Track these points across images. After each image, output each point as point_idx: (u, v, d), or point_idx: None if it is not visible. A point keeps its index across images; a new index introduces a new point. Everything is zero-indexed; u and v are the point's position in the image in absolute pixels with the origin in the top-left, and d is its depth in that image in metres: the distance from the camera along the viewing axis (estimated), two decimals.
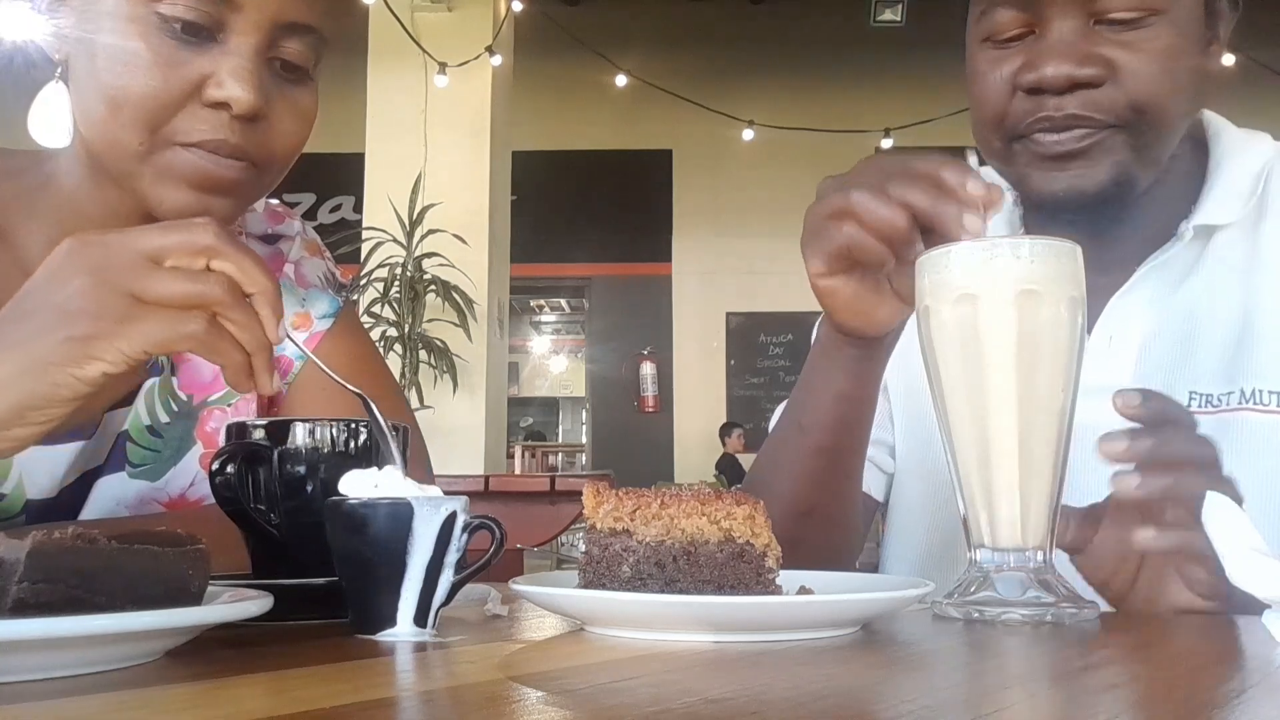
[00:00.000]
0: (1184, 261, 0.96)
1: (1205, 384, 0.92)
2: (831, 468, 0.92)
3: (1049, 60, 0.88)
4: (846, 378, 0.88)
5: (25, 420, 0.65)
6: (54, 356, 0.64)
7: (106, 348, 0.64)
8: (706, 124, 8.01)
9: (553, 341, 13.78)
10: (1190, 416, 0.75)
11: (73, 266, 0.66)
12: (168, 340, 0.66)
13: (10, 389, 0.64)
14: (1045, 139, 0.89)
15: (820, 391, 0.90)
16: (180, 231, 0.67)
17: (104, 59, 0.80)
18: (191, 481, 0.94)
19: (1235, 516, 0.61)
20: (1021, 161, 0.92)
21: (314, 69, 0.87)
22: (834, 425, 0.90)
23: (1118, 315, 0.96)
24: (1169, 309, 0.95)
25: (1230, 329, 0.92)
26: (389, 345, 5.53)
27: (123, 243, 0.66)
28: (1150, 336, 0.95)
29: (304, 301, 1.03)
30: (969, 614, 0.68)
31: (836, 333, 0.86)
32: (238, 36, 0.80)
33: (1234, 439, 0.88)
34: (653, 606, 0.58)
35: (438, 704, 0.44)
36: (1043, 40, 0.89)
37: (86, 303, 0.64)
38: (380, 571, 0.59)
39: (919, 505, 1.06)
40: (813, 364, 0.91)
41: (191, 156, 0.81)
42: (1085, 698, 0.46)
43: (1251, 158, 0.97)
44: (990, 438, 0.71)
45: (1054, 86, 0.88)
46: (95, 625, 0.44)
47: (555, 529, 2.61)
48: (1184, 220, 0.95)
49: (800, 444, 0.92)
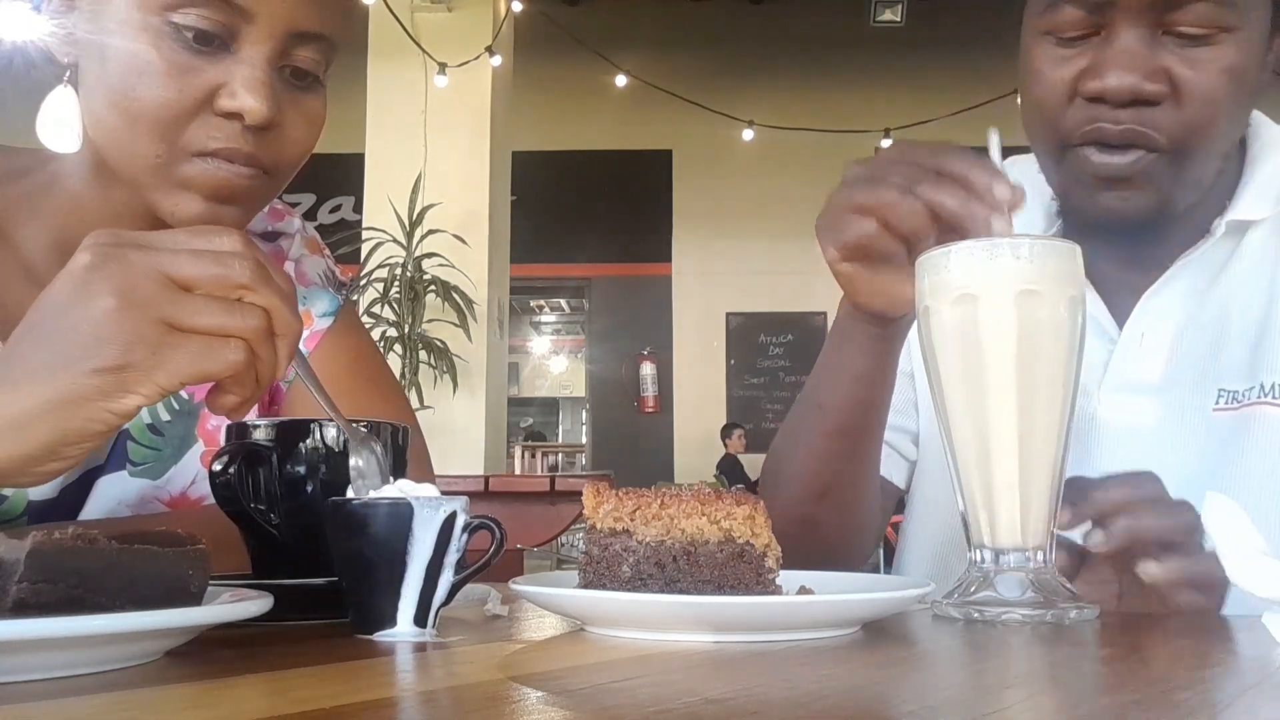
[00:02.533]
0: (1217, 258, 0.94)
1: (1233, 381, 0.91)
2: (849, 449, 0.92)
3: (1114, 69, 0.85)
4: (865, 357, 0.88)
5: (58, 456, 0.60)
6: (86, 391, 0.59)
7: (142, 380, 0.59)
8: (706, 124, 8.00)
9: (553, 341, 13.78)
10: (1157, 486, 0.75)
11: (97, 286, 0.59)
12: (207, 372, 0.61)
13: (41, 426, 0.59)
14: (1098, 158, 0.87)
15: (838, 372, 0.90)
16: (215, 265, 0.61)
17: (116, 67, 0.79)
18: (193, 480, 0.94)
19: (1236, 516, 0.61)
20: (1071, 174, 0.90)
21: (324, 74, 0.87)
22: (852, 406, 0.90)
23: (1150, 312, 0.95)
24: (1201, 306, 0.94)
25: (1255, 324, 0.92)
26: (389, 345, 5.53)
27: (149, 262, 0.60)
28: (1182, 334, 0.94)
29: (304, 300, 1.03)
30: (969, 614, 0.68)
31: (855, 313, 0.86)
32: (250, 46, 0.80)
33: (1253, 433, 0.88)
34: (653, 606, 0.58)
35: (438, 704, 0.44)
36: (1109, 46, 0.86)
37: (117, 330, 0.58)
38: (380, 572, 0.59)
39: (938, 495, 1.05)
40: (831, 344, 0.91)
41: (206, 166, 0.80)
42: (1085, 698, 0.46)
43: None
44: (990, 437, 0.71)
45: (1116, 98, 0.85)
46: (95, 625, 0.44)
47: (555, 529, 2.61)
48: (1218, 216, 0.94)
49: (818, 424, 0.92)
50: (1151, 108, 0.85)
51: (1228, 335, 0.92)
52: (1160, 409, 0.92)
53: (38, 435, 0.59)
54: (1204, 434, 0.90)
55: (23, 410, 0.58)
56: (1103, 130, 0.86)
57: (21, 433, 0.59)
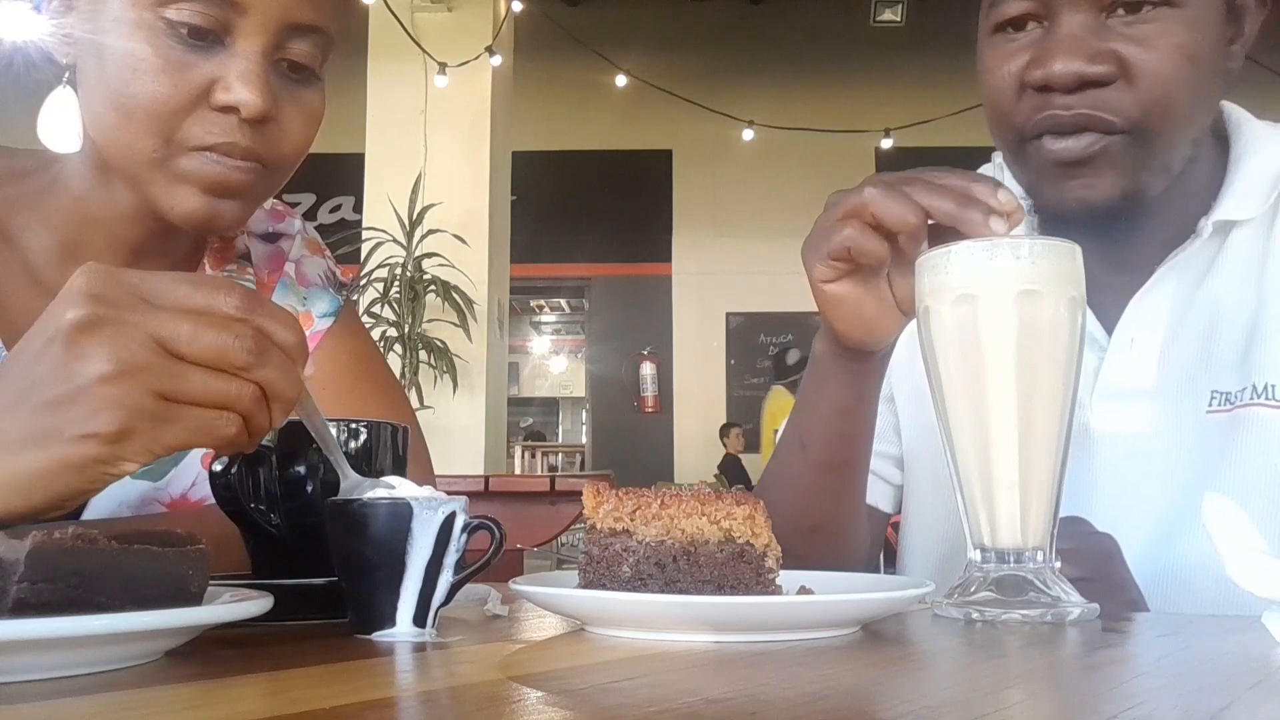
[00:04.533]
0: (1203, 259, 0.93)
1: (1225, 382, 0.90)
2: (835, 483, 0.92)
3: (1057, 56, 0.84)
4: (845, 392, 0.88)
5: (61, 507, 0.60)
6: (83, 460, 0.58)
7: (139, 450, 0.58)
8: (706, 124, 8.00)
9: (553, 341, 13.78)
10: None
11: (92, 351, 0.57)
12: (199, 443, 0.61)
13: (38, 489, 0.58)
14: (1054, 145, 0.87)
15: (820, 408, 0.90)
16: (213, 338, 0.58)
17: (112, 65, 0.80)
18: (193, 482, 0.94)
19: (1236, 516, 0.61)
20: (1033, 166, 0.90)
21: (320, 68, 0.87)
22: (835, 440, 0.90)
23: (1139, 317, 0.94)
24: (1190, 308, 0.93)
25: (1245, 324, 0.91)
26: (389, 345, 5.53)
27: (146, 328, 0.57)
28: (1172, 337, 0.93)
29: (305, 300, 1.03)
30: (969, 614, 0.68)
31: (834, 347, 0.86)
32: (245, 39, 0.80)
33: (1245, 434, 0.87)
34: (653, 606, 0.58)
35: (438, 704, 0.44)
36: (1051, 34, 0.86)
37: (114, 400, 0.57)
38: (380, 572, 0.59)
39: (931, 513, 1.04)
40: (810, 381, 0.91)
41: (204, 161, 0.81)
42: (1085, 698, 0.46)
43: (1274, 150, 0.94)
44: (990, 438, 0.71)
45: (1062, 84, 0.85)
46: (95, 625, 0.45)
47: (555, 529, 2.61)
48: (1203, 216, 0.92)
49: (803, 461, 0.92)
50: (1103, 89, 0.84)
51: (1218, 336, 0.91)
52: (1154, 414, 0.92)
53: (39, 495, 0.59)
54: (1198, 437, 0.90)
55: (23, 474, 0.58)
56: (1055, 117, 0.86)
57: (22, 493, 0.58)
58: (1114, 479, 0.90)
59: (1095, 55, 0.84)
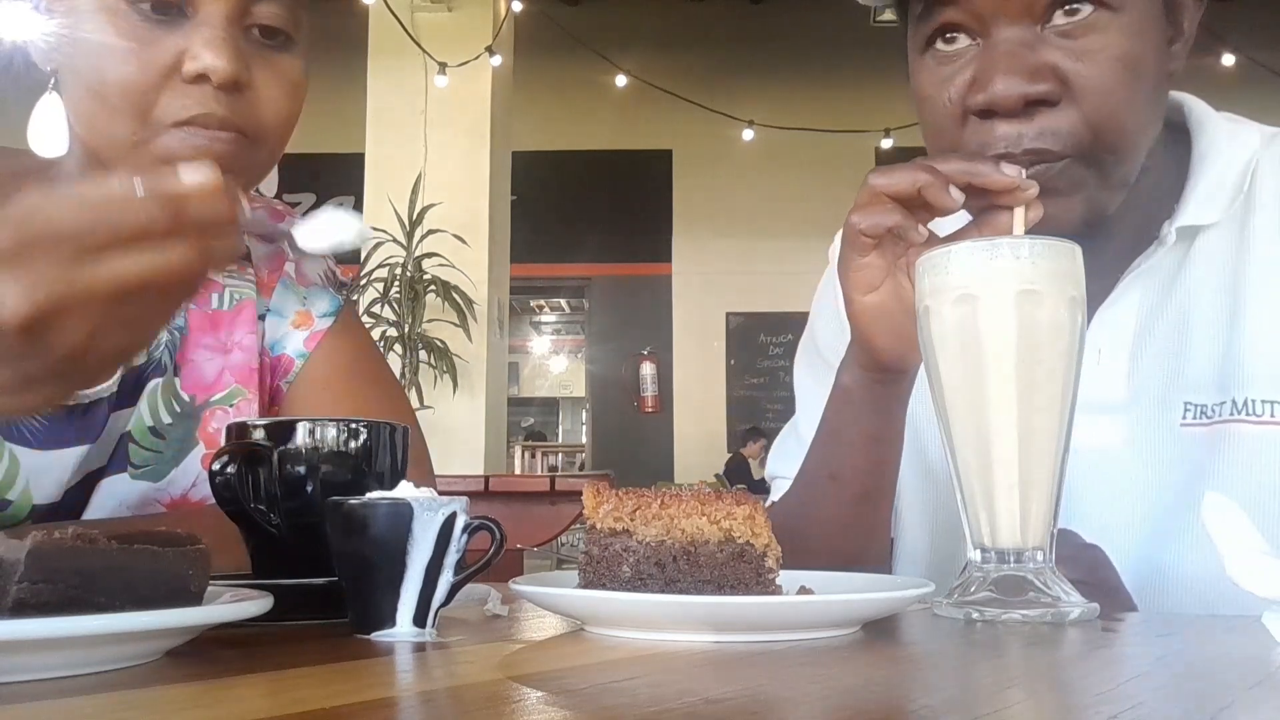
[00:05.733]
0: (1169, 265, 0.90)
1: (1199, 394, 0.87)
2: (870, 515, 0.91)
3: (996, 75, 0.80)
4: (877, 418, 0.86)
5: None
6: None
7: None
8: (706, 124, 8.00)
9: (553, 341, 13.78)
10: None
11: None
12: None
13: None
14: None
15: (852, 438, 0.88)
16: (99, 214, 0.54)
17: (85, 55, 0.80)
18: (193, 482, 0.95)
19: (1236, 516, 0.61)
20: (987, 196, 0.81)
21: (297, 32, 0.86)
22: (870, 469, 0.88)
23: (1106, 328, 0.90)
24: (1159, 318, 0.89)
25: (1220, 334, 0.87)
26: (389, 345, 5.53)
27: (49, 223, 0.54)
28: (1141, 347, 0.89)
29: (305, 300, 1.03)
30: (969, 614, 0.68)
31: (866, 373, 0.85)
32: (207, 6, 0.80)
33: (1227, 452, 0.84)
34: (653, 606, 0.58)
35: (438, 704, 0.44)
36: (987, 51, 0.82)
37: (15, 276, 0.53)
38: (380, 572, 0.59)
39: (920, 512, 1.03)
40: (838, 412, 0.89)
41: (184, 135, 0.81)
42: (1085, 698, 0.46)
43: (1237, 150, 0.90)
44: (990, 438, 0.71)
45: (1006, 107, 0.80)
46: (95, 625, 0.45)
47: (555, 529, 2.60)
48: (1166, 221, 0.88)
49: (837, 495, 0.90)
50: (1048, 112, 0.80)
51: (1189, 346, 0.88)
52: (1127, 427, 0.89)
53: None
54: (1174, 449, 0.87)
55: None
56: (1006, 155, 0.80)
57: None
58: (1089, 492, 0.88)
59: (1035, 71, 0.80)
